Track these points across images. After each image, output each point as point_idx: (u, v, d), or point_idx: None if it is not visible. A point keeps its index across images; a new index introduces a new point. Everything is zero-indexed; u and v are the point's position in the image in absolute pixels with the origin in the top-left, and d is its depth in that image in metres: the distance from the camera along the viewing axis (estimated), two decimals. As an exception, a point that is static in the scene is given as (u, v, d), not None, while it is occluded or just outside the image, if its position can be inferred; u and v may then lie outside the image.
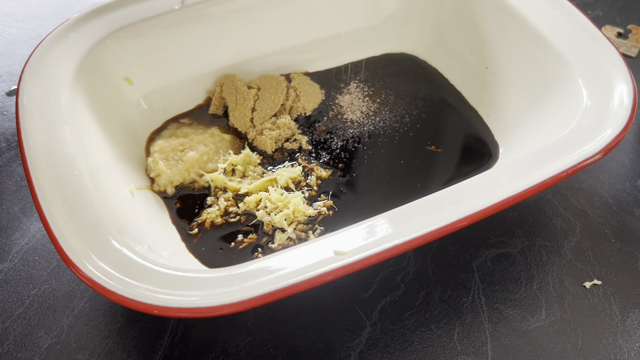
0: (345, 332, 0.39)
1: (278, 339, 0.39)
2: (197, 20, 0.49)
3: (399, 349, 0.39)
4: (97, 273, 0.30)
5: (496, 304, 0.41)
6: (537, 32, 0.46)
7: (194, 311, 0.29)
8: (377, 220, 0.34)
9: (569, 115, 0.41)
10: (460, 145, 0.50)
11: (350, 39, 0.57)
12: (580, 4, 0.67)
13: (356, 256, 0.31)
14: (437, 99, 0.54)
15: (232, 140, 0.49)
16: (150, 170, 0.46)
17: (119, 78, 0.48)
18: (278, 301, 0.30)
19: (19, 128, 0.37)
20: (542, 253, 0.44)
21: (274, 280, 0.30)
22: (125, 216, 0.38)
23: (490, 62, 0.51)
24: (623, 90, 0.41)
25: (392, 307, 0.41)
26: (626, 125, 0.38)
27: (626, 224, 0.46)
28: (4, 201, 0.47)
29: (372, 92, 0.55)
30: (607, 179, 0.49)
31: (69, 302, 0.40)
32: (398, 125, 0.52)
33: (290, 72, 0.56)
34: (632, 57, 0.60)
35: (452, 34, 0.56)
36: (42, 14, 0.66)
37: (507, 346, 0.39)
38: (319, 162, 0.48)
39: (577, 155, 0.37)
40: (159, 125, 0.50)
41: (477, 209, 0.34)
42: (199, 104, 0.53)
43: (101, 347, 0.38)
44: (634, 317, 0.41)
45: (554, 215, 0.46)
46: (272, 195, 0.44)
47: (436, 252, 0.44)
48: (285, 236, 0.43)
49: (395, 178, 0.47)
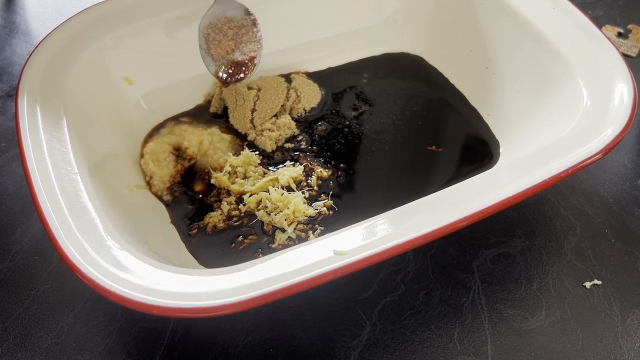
0: (345, 332, 0.39)
1: (278, 339, 0.39)
2: (197, 20, 0.49)
3: (399, 349, 0.38)
4: (97, 273, 0.30)
5: (496, 304, 0.41)
6: (537, 32, 0.46)
7: (194, 311, 0.29)
8: (377, 220, 0.34)
9: (569, 115, 0.41)
10: (461, 145, 0.50)
11: (350, 39, 0.57)
12: (580, 3, 0.66)
13: (356, 256, 0.31)
14: (437, 98, 0.54)
15: (232, 140, 0.49)
16: (144, 172, 0.46)
17: (118, 78, 0.48)
18: (278, 301, 0.30)
19: (18, 128, 0.37)
20: (542, 253, 0.44)
21: (274, 280, 0.30)
22: (125, 216, 0.38)
23: (491, 62, 0.51)
24: (623, 90, 0.41)
25: (392, 307, 0.41)
26: (626, 125, 0.38)
27: (626, 224, 0.46)
28: (4, 201, 0.46)
29: (372, 92, 0.55)
30: (607, 179, 0.49)
31: (69, 302, 0.40)
32: (398, 125, 0.52)
33: (290, 72, 0.56)
34: (633, 57, 0.60)
35: (452, 34, 0.56)
36: (42, 14, 0.66)
37: (507, 346, 0.39)
38: (319, 162, 0.48)
39: (577, 155, 0.37)
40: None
41: (477, 209, 0.34)
42: (198, 103, 0.52)
43: (101, 347, 0.38)
44: (634, 317, 0.40)
45: (554, 215, 0.46)
46: (272, 195, 0.44)
47: (436, 252, 0.44)
48: (285, 236, 0.43)
49: (395, 178, 0.47)
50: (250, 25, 0.47)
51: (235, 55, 0.47)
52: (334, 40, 0.57)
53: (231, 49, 0.46)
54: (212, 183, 0.46)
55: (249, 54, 0.47)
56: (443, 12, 0.56)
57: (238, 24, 0.47)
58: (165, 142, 0.47)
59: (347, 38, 0.57)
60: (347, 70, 0.57)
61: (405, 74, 0.57)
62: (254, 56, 0.47)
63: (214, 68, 0.47)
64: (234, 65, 0.47)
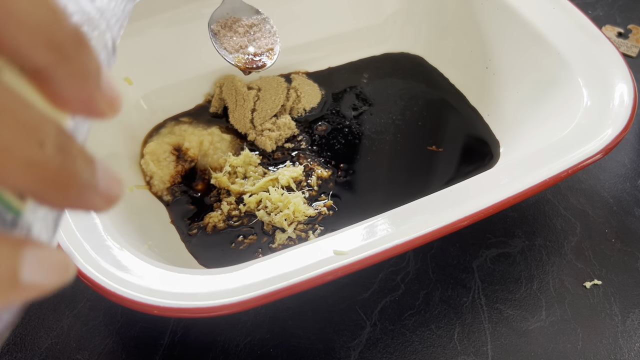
0: (345, 332, 0.39)
1: (278, 339, 0.39)
2: (197, 20, 0.49)
3: (399, 349, 0.38)
4: (97, 273, 0.30)
5: (496, 304, 0.41)
6: (537, 32, 0.46)
7: (194, 311, 0.29)
8: (377, 220, 0.34)
9: (569, 115, 0.41)
10: (461, 145, 0.50)
11: (350, 39, 0.57)
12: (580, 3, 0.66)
13: (356, 256, 0.31)
14: (437, 98, 0.54)
15: (232, 140, 0.49)
16: (144, 172, 0.46)
17: (118, 78, 0.48)
18: (278, 301, 0.30)
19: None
20: (542, 253, 0.44)
21: (274, 280, 0.30)
22: (125, 216, 0.38)
23: (491, 62, 0.51)
24: (623, 90, 0.41)
25: (392, 307, 0.41)
26: (626, 125, 0.38)
27: (626, 224, 0.46)
28: (4, 201, 0.46)
29: (373, 92, 0.55)
30: (607, 178, 0.49)
31: (69, 302, 0.40)
32: (398, 125, 0.52)
33: (290, 72, 0.56)
34: (633, 57, 0.60)
35: (452, 33, 0.56)
36: (42, 14, 0.66)
37: (507, 346, 0.39)
38: (319, 162, 0.48)
39: (577, 155, 0.37)
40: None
41: (477, 209, 0.34)
42: (198, 103, 0.52)
43: (101, 347, 0.38)
44: (634, 317, 0.40)
45: (554, 215, 0.46)
46: (272, 195, 0.44)
47: (436, 252, 0.44)
48: (285, 236, 0.43)
49: (395, 178, 0.47)
50: (261, 24, 0.47)
51: (249, 49, 0.46)
52: (334, 40, 0.57)
53: (244, 44, 0.46)
54: (212, 183, 0.46)
55: (265, 47, 0.46)
56: (443, 12, 0.56)
57: (249, 23, 0.47)
58: (165, 142, 0.47)
59: (347, 38, 0.57)
60: (347, 70, 0.57)
61: (405, 74, 0.57)
62: (272, 47, 0.47)
63: (232, 58, 0.46)
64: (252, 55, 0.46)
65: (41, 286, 0.12)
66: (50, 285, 0.12)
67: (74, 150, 0.12)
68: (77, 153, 0.12)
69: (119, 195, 0.14)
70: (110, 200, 0.13)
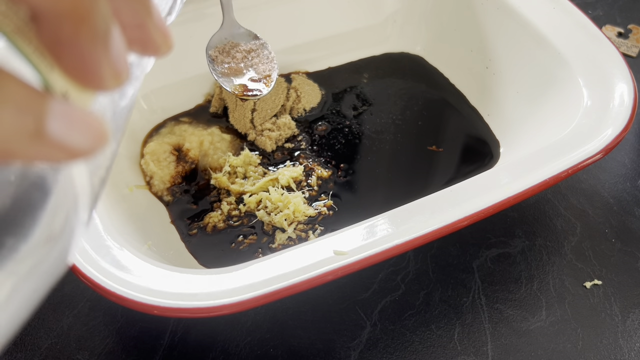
0: (345, 332, 0.39)
1: (278, 339, 0.39)
2: (197, 20, 0.49)
3: (399, 349, 0.38)
4: (97, 273, 0.30)
5: (496, 304, 0.41)
6: (538, 32, 0.46)
7: (194, 311, 0.29)
8: (377, 220, 0.34)
9: (569, 115, 0.41)
10: (461, 145, 0.50)
11: (350, 39, 0.57)
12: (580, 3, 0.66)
13: (356, 256, 0.31)
14: (437, 98, 0.54)
15: (232, 140, 0.49)
16: (144, 172, 0.46)
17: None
18: (278, 301, 0.30)
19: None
20: (543, 253, 0.44)
21: (274, 280, 0.30)
22: (125, 216, 0.38)
23: (491, 62, 0.51)
24: (623, 90, 0.41)
25: (392, 307, 0.40)
26: (626, 125, 0.38)
27: (626, 224, 0.46)
28: (4, 201, 0.46)
29: (373, 92, 0.55)
30: (607, 178, 0.49)
31: (69, 302, 0.40)
32: (398, 125, 0.52)
33: (290, 72, 0.56)
34: (633, 57, 0.60)
35: (452, 34, 0.56)
36: (42, 14, 0.66)
37: (507, 346, 0.39)
38: (319, 162, 0.48)
39: (577, 155, 0.37)
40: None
41: (477, 209, 0.34)
42: (198, 103, 0.52)
43: (101, 347, 0.38)
44: (634, 317, 0.40)
45: (555, 215, 0.46)
46: (272, 195, 0.44)
47: (436, 252, 0.44)
48: (285, 236, 0.43)
49: (395, 178, 0.47)
50: (259, 49, 0.47)
51: (247, 75, 0.46)
52: (334, 40, 0.57)
53: (241, 70, 0.46)
54: (212, 183, 0.46)
55: (263, 73, 0.46)
56: (443, 12, 0.56)
57: (247, 48, 0.47)
58: (165, 142, 0.47)
59: (347, 38, 0.57)
60: (347, 70, 0.57)
61: (405, 74, 0.57)
62: (269, 74, 0.47)
63: (229, 86, 0.46)
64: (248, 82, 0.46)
65: (69, 146, 0.11)
66: (80, 147, 0.11)
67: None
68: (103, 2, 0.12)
69: (126, 74, 0.13)
70: (118, 74, 0.13)
